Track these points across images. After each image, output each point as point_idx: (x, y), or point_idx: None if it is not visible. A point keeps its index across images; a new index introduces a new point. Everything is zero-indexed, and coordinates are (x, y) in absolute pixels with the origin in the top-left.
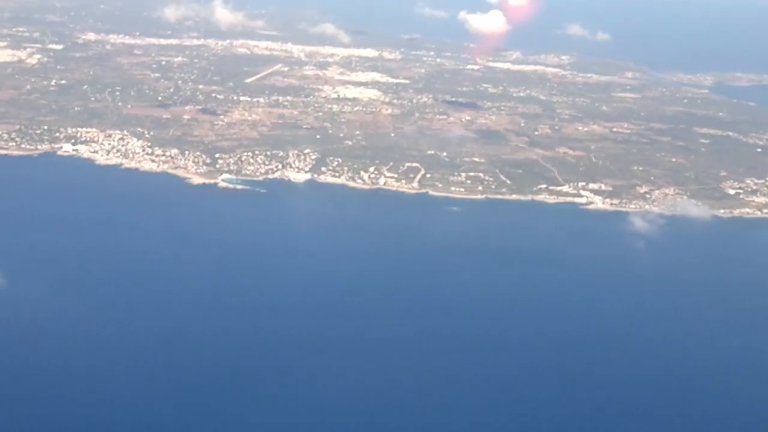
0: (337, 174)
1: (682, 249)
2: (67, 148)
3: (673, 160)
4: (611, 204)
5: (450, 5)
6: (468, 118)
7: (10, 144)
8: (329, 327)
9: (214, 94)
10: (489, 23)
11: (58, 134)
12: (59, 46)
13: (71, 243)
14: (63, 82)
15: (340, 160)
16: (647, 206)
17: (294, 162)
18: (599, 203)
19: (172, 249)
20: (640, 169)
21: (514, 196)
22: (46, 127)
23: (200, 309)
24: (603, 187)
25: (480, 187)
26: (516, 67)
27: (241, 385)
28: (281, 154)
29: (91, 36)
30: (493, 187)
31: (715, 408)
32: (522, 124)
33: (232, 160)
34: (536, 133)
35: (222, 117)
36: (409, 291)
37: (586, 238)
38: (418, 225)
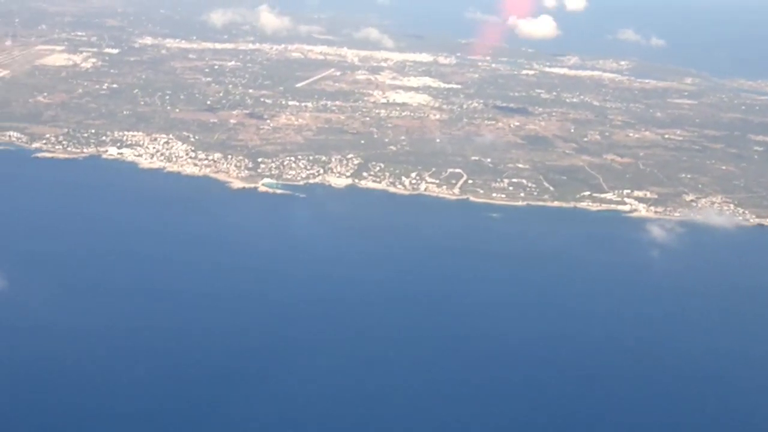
0: (378, 179)
1: (711, 257)
2: (112, 152)
3: (723, 167)
4: (655, 212)
5: (501, 9)
6: (517, 123)
7: (57, 147)
8: (353, 331)
9: (263, 99)
10: (539, 28)
11: (104, 138)
12: (115, 51)
13: (94, 246)
14: (115, 86)
15: (382, 165)
16: (692, 215)
17: (336, 167)
18: (643, 211)
19: (194, 252)
20: (688, 176)
21: (556, 203)
22: (93, 131)
23: (215, 311)
24: (648, 194)
25: (522, 194)
26: (572, 73)
27: (252, 386)
28: (324, 158)
29: (148, 40)
30: (535, 193)
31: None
32: (572, 130)
33: (274, 165)
34: (585, 139)
35: (268, 121)
36: (426, 296)
37: (615, 244)
38: (450, 231)
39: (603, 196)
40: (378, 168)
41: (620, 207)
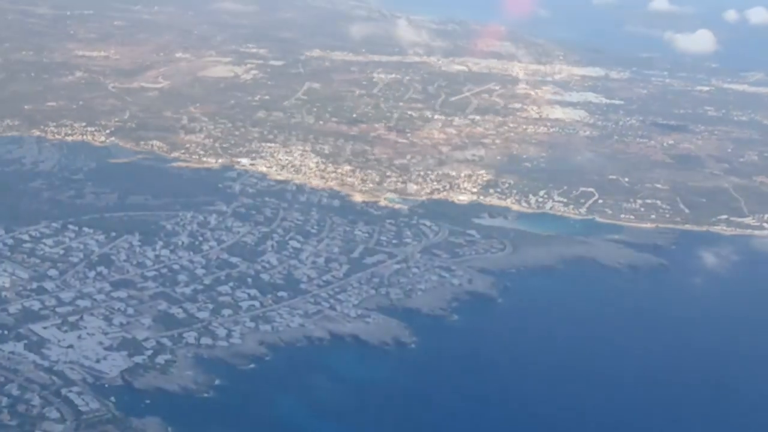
0: (503, 196)
1: None
2: (244, 162)
3: None
4: None
5: (659, 23)
6: (671, 141)
7: (193, 157)
8: None
9: (410, 112)
10: (695, 43)
11: (241, 148)
12: (279, 63)
13: None
14: (267, 97)
15: (512, 181)
16: None
17: (463, 183)
18: None
19: None
20: None
21: (687, 226)
22: (233, 141)
23: None
24: None
25: (653, 215)
26: (752, 89)
27: None
28: (453, 174)
29: (316, 52)
30: (667, 215)
31: None
32: (729, 150)
33: (401, 179)
34: (741, 159)
35: (408, 135)
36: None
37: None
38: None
39: (741, 220)
40: (507, 185)
41: (757, 232)
